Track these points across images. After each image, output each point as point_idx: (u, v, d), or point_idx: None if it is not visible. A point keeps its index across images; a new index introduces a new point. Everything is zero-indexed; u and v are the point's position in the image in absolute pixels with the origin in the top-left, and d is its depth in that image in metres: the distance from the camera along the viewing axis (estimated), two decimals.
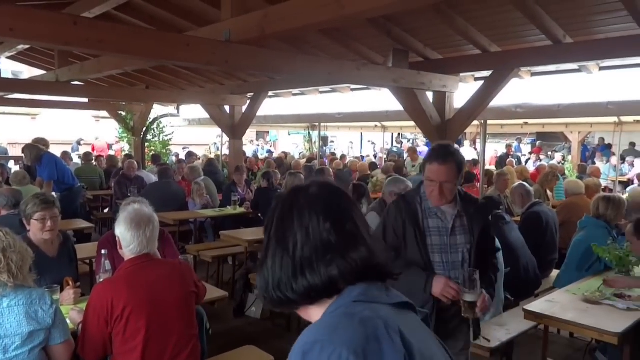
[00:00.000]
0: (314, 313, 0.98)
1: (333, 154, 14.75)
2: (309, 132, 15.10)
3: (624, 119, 9.10)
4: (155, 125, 11.54)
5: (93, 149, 16.09)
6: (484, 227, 2.49)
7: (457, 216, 2.45)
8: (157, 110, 11.91)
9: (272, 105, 10.76)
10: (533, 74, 6.31)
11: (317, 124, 10.78)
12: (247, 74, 7.99)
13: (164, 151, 11.87)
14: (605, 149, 13.36)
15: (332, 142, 21.63)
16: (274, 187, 6.93)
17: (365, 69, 4.92)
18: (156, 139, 11.77)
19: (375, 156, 15.89)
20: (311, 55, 5.88)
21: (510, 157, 13.44)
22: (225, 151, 10.90)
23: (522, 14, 4.47)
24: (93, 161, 10.01)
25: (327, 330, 0.89)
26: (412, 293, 2.42)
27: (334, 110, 9.10)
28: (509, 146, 14.68)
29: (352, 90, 8.68)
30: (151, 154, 11.20)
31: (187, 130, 15.54)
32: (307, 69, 4.54)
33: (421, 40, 5.58)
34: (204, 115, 10.04)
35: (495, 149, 17.40)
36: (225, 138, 10.28)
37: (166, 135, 12.02)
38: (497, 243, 3.43)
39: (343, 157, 13.82)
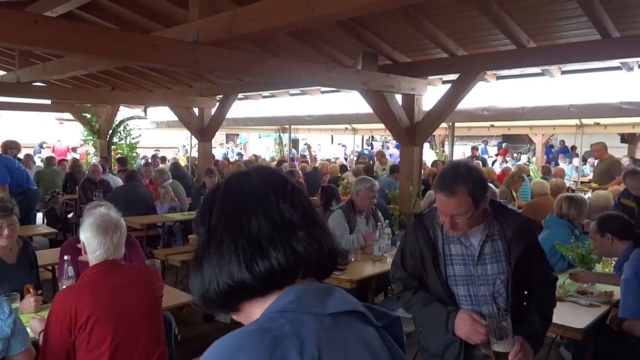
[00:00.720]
0: (256, 314, 0.86)
1: (304, 156, 14.74)
2: (280, 135, 15.05)
3: (585, 121, 9.40)
4: (121, 128, 11.29)
5: (53, 152, 15.64)
6: (526, 252, 2.07)
7: (487, 241, 2.09)
8: (123, 112, 11.66)
9: (241, 107, 10.69)
10: (498, 78, 6.48)
11: (287, 126, 10.77)
12: (216, 75, 7.91)
13: (132, 154, 11.63)
14: (567, 151, 13.78)
15: (306, 144, 21.57)
16: None
17: (334, 71, 4.94)
18: (123, 141, 11.52)
19: (345, 159, 15.96)
20: (281, 57, 5.87)
21: (475, 159, 13.73)
22: (195, 154, 10.75)
23: (488, 18, 4.58)
24: (55, 165, 9.71)
25: (229, 350, 0.77)
26: (435, 331, 2.17)
27: (304, 112, 9.10)
28: (474, 148, 14.97)
29: (322, 92, 8.71)
30: (117, 157, 10.95)
31: (155, 132, 15.27)
32: (276, 71, 4.52)
33: (390, 43, 5.65)
34: (173, 117, 9.89)
35: (463, 151, 17.75)
36: (195, 141, 10.14)
37: (133, 138, 11.78)
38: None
39: (315, 159, 13.83)
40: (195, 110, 9.17)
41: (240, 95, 9.11)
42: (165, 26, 4.75)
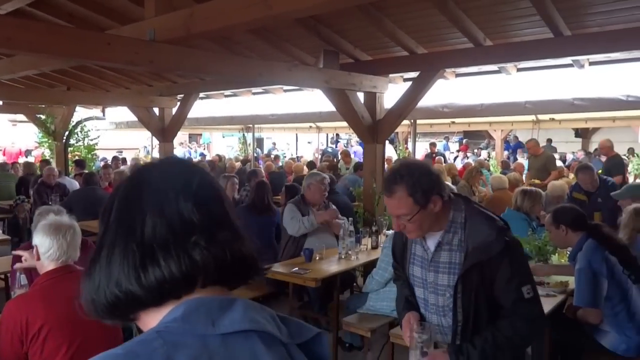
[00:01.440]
0: (152, 323, 0.76)
1: (267, 155, 14.66)
2: (243, 134, 14.92)
3: (541, 117, 9.73)
4: (78, 129, 10.93)
5: (4, 155, 15.02)
6: (482, 271, 1.87)
7: (442, 249, 1.97)
8: (80, 113, 11.29)
9: (203, 106, 10.54)
10: (457, 75, 6.60)
11: (250, 125, 10.69)
12: (176, 74, 7.76)
13: (90, 156, 11.28)
14: (521, 146, 14.19)
15: (274, 142, 21.47)
16: None
17: (296, 69, 4.93)
18: (80, 143, 11.16)
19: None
20: (241, 55, 5.80)
21: (434, 155, 13.98)
22: (156, 155, 10.53)
23: (445, 17, 4.65)
24: (9, 169, 9.32)
25: None
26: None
27: (267, 111, 9.04)
28: (432, 145, 15.22)
29: (285, 91, 8.67)
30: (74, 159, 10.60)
31: (115, 133, 14.87)
32: (237, 69, 4.48)
33: (351, 42, 5.67)
34: (133, 117, 9.65)
35: (425, 147, 18.04)
36: (156, 141, 9.93)
37: (91, 140, 11.43)
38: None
39: (277, 157, 13.76)
40: (156, 110, 8.98)
41: (201, 95, 8.96)
42: (121, 24, 4.63)
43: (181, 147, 18.05)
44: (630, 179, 9.00)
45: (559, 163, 10.96)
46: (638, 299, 3.12)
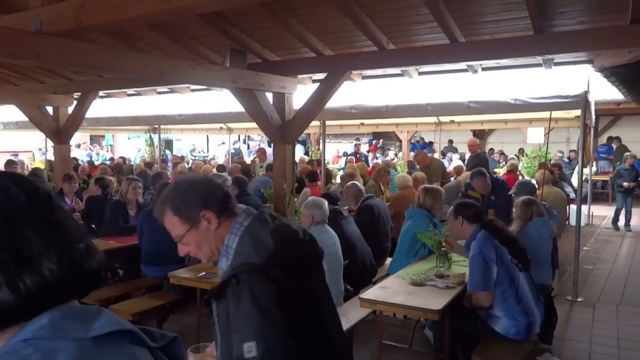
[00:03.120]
0: None
1: (176, 156, 14.14)
2: (150, 136, 14.26)
3: (442, 119, 10.31)
4: None
5: None
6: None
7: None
8: None
9: (105, 106, 9.92)
10: (364, 77, 6.78)
11: (156, 126, 10.22)
12: (71, 71, 7.21)
13: None
14: (427, 146, 15.01)
15: (194, 144, 20.67)
16: (109, 195, 6.37)
17: (201, 68, 4.78)
18: None
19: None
20: (142, 52, 5.52)
21: (357, 155, 14.55)
22: (51, 157, 9.74)
23: (351, 20, 4.75)
24: None
25: None
26: None
27: (174, 111, 8.69)
28: (357, 145, 15.94)
29: (193, 90, 8.40)
30: None
31: (5, 135, 13.56)
32: (136, 66, 4.24)
33: (258, 42, 5.62)
34: (24, 117, 8.82)
35: (337, 148, 18.42)
36: (50, 143, 9.17)
37: None
38: None
39: (182, 158, 13.31)
40: (49, 109, 8.28)
41: (101, 93, 8.41)
42: (3, 13, 4.20)
43: (80, 149, 16.87)
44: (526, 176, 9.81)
45: (458, 162, 11.69)
46: (525, 284, 3.40)
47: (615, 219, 9.71)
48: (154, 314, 4.50)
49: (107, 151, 19.38)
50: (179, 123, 9.35)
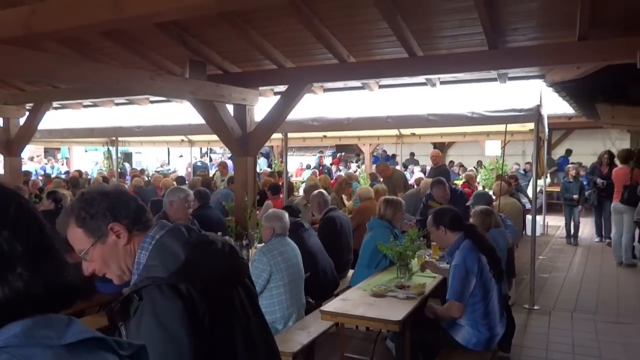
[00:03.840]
0: None
1: (135, 169, 13.79)
2: (108, 148, 13.87)
3: (404, 132, 10.48)
4: None
5: None
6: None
7: None
8: None
9: (60, 117, 9.59)
10: (325, 90, 6.83)
11: (114, 138, 9.95)
12: (23, 80, 6.95)
13: None
14: (390, 159, 15.22)
15: (165, 162, 19.95)
16: (63, 209, 6.13)
17: (159, 79, 4.68)
18: None
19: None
20: (98, 62, 5.37)
21: (321, 167, 14.61)
22: (1, 171, 9.31)
23: (311, 33, 4.78)
24: None
25: None
26: None
27: (132, 123, 8.48)
28: (320, 157, 16.11)
29: (152, 102, 8.24)
30: None
31: None
32: (91, 76, 4.12)
33: (219, 53, 5.57)
34: None
35: (300, 161, 18.44)
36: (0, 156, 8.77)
37: None
38: None
39: (142, 171, 13.00)
40: None
41: (56, 104, 8.14)
42: None
43: (33, 162, 16.24)
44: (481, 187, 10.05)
45: (420, 174, 11.89)
46: (495, 300, 3.45)
47: (568, 234, 9.48)
48: (108, 332, 4.32)
49: (63, 164, 18.71)
50: (138, 135, 9.14)
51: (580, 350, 4.52)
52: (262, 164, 16.84)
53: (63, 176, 12.84)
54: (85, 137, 10.72)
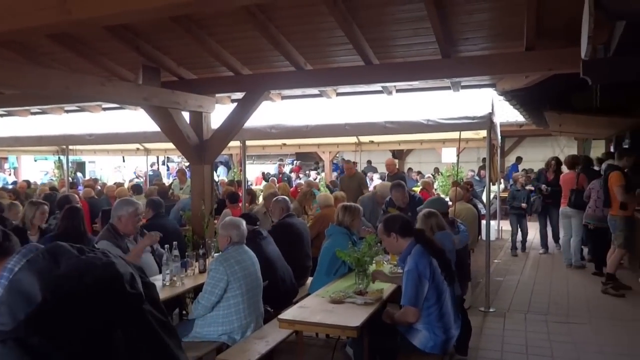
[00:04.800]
0: None
1: (90, 179, 13.31)
2: (59, 157, 13.33)
3: (362, 139, 10.58)
4: None
5: None
6: None
7: None
8: None
9: (6, 125, 9.16)
10: (283, 97, 6.82)
11: (65, 146, 9.57)
12: None
13: None
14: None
15: (136, 170, 19.04)
16: (6, 220, 5.83)
17: (110, 84, 4.55)
18: None
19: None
20: (45, 67, 5.17)
21: (280, 175, 14.54)
22: None
23: (268, 40, 4.76)
24: None
25: None
26: None
27: (84, 131, 8.19)
28: (280, 165, 16.06)
29: (105, 109, 7.99)
30: None
31: None
32: (37, 81, 3.95)
33: (174, 59, 5.47)
34: None
35: (261, 170, 18.31)
36: None
37: None
38: None
39: (96, 180, 12.57)
40: None
41: (1, 111, 7.78)
42: None
43: None
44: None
45: (379, 181, 12.02)
46: (448, 302, 3.50)
47: (513, 245, 9.05)
48: None
49: (10, 174, 17.87)
50: (90, 143, 8.83)
51: (533, 351, 4.65)
52: (222, 173, 16.63)
53: (10, 187, 12.26)
54: (33, 146, 10.26)
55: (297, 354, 3.77)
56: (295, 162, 19.09)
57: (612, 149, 10.60)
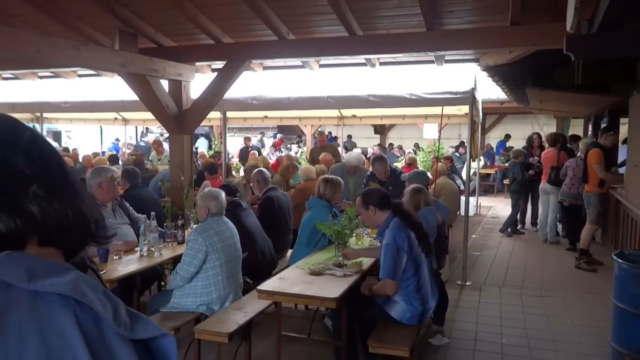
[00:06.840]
0: None
1: (66, 149, 12.99)
2: (34, 125, 12.97)
3: (344, 113, 10.50)
4: None
5: None
6: None
7: None
8: None
9: None
10: (265, 68, 6.68)
11: (39, 114, 9.30)
12: None
13: None
14: (332, 140, 15.27)
15: (117, 139, 18.49)
16: None
17: (85, 49, 4.37)
18: None
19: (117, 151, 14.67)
20: (14, 28, 4.94)
21: (250, 149, 14.25)
22: None
23: (249, 7, 4.62)
24: None
25: None
26: None
27: (59, 98, 7.93)
28: (246, 139, 15.58)
29: (80, 76, 7.74)
30: None
31: None
32: (6, 42, 3.76)
33: (152, 25, 5.30)
34: None
35: (241, 142, 18.12)
36: None
37: None
38: None
39: (74, 151, 12.29)
40: None
41: None
42: None
43: None
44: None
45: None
46: (426, 274, 3.53)
47: (511, 224, 8.77)
48: None
49: None
50: (65, 111, 8.59)
51: (508, 322, 4.76)
52: (202, 146, 16.36)
53: None
54: (4, 112, 9.93)
55: (276, 325, 3.79)
56: (277, 135, 18.91)
57: (590, 128, 10.75)
